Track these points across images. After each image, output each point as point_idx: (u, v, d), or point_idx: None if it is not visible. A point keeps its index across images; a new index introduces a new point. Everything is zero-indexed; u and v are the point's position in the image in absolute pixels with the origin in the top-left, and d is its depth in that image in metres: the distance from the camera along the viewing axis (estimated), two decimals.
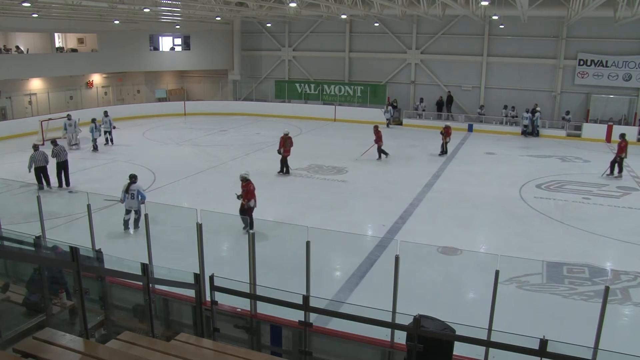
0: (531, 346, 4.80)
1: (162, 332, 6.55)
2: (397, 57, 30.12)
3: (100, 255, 6.51)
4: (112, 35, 29.47)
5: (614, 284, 9.83)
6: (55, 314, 5.93)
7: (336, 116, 29.90)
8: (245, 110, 31.54)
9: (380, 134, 19.76)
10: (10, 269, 7.23)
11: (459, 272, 10.69)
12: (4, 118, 24.86)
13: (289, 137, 17.41)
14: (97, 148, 21.07)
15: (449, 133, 21.31)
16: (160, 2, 21.77)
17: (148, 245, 7.67)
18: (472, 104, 28.78)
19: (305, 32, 32.24)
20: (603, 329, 5.42)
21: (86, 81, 30.31)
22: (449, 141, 21.33)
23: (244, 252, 6.77)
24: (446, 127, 21.49)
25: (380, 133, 19.77)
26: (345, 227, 12.03)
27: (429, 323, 5.23)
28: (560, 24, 25.72)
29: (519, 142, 24.51)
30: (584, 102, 26.45)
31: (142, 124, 27.74)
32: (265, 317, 6.57)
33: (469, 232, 12.69)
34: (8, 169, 17.75)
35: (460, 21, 27.55)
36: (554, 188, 16.49)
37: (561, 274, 10.37)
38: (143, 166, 18.22)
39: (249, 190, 11.93)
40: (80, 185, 15.76)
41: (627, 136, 18.22)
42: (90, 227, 8.53)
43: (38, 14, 23.07)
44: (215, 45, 33.22)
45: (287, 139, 17.32)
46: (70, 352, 4.56)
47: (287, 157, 17.36)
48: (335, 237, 10.53)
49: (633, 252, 11.54)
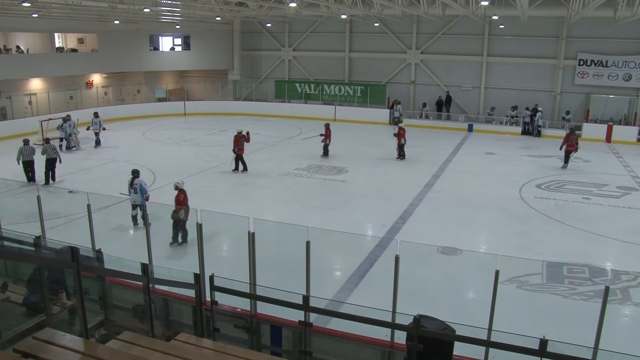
0: (531, 346, 4.80)
1: (162, 332, 6.54)
2: (397, 57, 30.12)
3: (100, 255, 6.51)
4: (112, 35, 29.47)
5: (614, 284, 9.83)
6: (55, 314, 5.93)
7: (336, 116, 29.89)
8: (245, 110, 31.53)
9: (330, 132, 19.85)
10: (10, 269, 7.22)
11: (459, 272, 10.69)
12: (4, 118, 24.85)
13: (242, 135, 17.65)
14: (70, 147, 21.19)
15: (401, 135, 19.99)
16: (160, 2, 21.76)
17: (148, 245, 7.67)
18: (472, 104, 28.79)
19: (305, 32, 32.25)
20: (603, 329, 5.42)
21: (86, 81, 30.30)
22: (404, 143, 20.06)
23: (244, 252, 6.77)
24: (400, 128, 20.18)
25: (330, 131, 19.84)
26: (345, 227, 12.02)
27: (429, 323, 5.23)
28: (560, 24, 25.73)
29: (519, 142, 24.52)
30: (584, 102, 26.46)
31: (142, 124, 27.73)
32: (265, 317, 6.57)
33: (469, 232, 12.69)
34: (8, 169, 17.73)
35: (460, 21, 27.56)
36: (554, 188, 16.49)
37: (561, 274, 10.37)
38: (143, 166, 18.18)
39: (178, 201, 11.33)
40: (80, 185, 15.75)
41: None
42: (90, 227, 8.54)
43: (38, 14, 23.07)
44: (215, 45, 33.22)
45: (240, 137, 17.60)
46: (70, 352, 4.56)
47: (242, 155, 17.72)
48: (335, 237, 10.53)
49: (633, 252, 11.54)
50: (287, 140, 24.05)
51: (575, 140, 19.20)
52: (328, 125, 20.20)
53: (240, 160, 17.77)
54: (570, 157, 19.30)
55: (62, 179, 16.72)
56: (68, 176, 17.10)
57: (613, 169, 19.19)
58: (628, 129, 24.73)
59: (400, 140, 19.95)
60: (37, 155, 16.39)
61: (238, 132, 17.74)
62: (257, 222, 6.93)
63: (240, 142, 17.62)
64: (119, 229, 12.37)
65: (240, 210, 11.96)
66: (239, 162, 17.76)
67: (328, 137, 19.90)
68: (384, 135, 25.97)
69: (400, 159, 20.05)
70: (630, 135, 24.41)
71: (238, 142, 17.60)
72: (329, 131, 19.94)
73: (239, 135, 17.65)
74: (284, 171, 17.94)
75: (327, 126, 20.10)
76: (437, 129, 27.59)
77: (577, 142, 19.19)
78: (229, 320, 6.63)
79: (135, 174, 12.18)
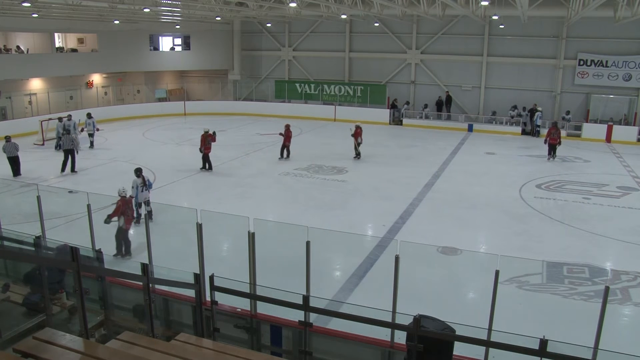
0: (531, 346, 4.79)
1: (162, 332, 6.54)
2: (397, 57, 30.12)
3: (100, 255, 6.51)
4: (112, 35, 29.48)
5: (614, 284, 9.83)
6: (55, 314, 5.93)
7: (336, 116, 29.90)
8: (245, 110, 31.55)
9: (291, 134, 19.56)
10: (10, 269, 7.23)
11: (459, 272, 10.69)
12: (4, 118, 24.85)
13: (209, 134, 17.72)
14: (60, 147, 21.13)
15: (358, 134, 19.84)
16: (160, 2, 21.76)
17: (148, 245, 7.68)
18: (472, 104, 28.79)
19: (305, 32, 32.25)
20: (603, 329, 5.42)
21: (86, 81, 30.29)
22: (360, 142, 19.90)
23: (244, 252, 6.77)
24: (357, 127, 20.02)
25: (290, 132, 19.57)
26: (345, 227, 12.03)
27: (429, 323, 5.23)
28: (560, 24, 25.73)
29: (519, 142, 24.52)
30: (584, 102, 26.46)
31: (142, 124, 27.73)
32: (265, 317, 6.57)
33: (469, 232, 12.69)
34: (8, 169, 17.76)
35: (460, 21, 27.56)
36: (554, 188, 16.49)
37: (561, 274, 10.37)
38: (143, 166, 18.14)
39: (116, 207, 10.67)
40: (80, 185, 15.76)
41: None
42: (90, 227, 8.54)
43: (38, 14, 23.07)
44: (215, 45, 33.22)
45: (207, 137, 17.67)
46: (70, 352, 4.55)
47: (209, 154, 17.84)
48: (335, 237, 10.52)
49: (633, 252, 11.54)
50: None
51: (558, 134, 20.26)
52: (288, 126, 19.73)
53: (206, 160, 17.88)
54: (555, 150, 20.35)
55: (64, 178, 16.75)
56: (68, 176, 17.12)
57: (613, 169, 19.19)
58: (628, 129, 24.73)
59: (357, 139, 19.85)
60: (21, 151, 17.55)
61: (205, 132, 17.80)
62: (257, 222, 6.93)
63: (207, 141, 17.69)
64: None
65: (240, 210, 11.99)
66: (205, 162, 17.88)
67: (288, 139, 19.44)
68: (384, 135, 26.00)
69: (356, 158, 19.88)
70: (630, 135, 24.41)
71: (205, 142, 17.68)
72: (290, 132, 19.53)
73: (206, 134, 17.71)
74: (284, 171, 17.94)
75: (288, 127, 19.64)
76: (437, 129, 27.59)
77: (560, 136, 20.32)
78: (229, 320, 6.63)
79: (139, 172, 12.36)
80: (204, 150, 17.76)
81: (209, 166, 17.95)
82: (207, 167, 17.94)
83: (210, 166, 17.96)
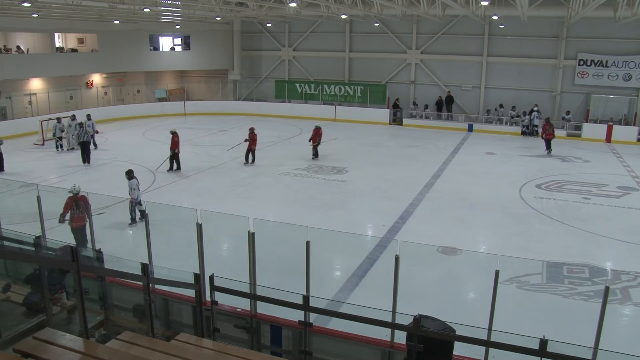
0: (531, 346, 4.80)
1: (162, 332, 6.54)
2: (397, 57, 30.11)
3: (100, 255, 6.51)
4: (112, 35, 29.47)
5: (614, 284, 9.83)
6: (55, 314, 5.92)
7: (336, 116, 29.90)
8: (245, 110, 31.54)
9: (256, 137, 19.24)
10: (10, 269, 7.22)
11: (459, 272, 10.69)
12: (4, 118, 24.85)
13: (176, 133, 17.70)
14: (62, 147, 21.25)
15: (317, 135, 19.74)
16: (160, 2, 21.76)
17: (148, 245, 7.67)
18: (472, 104, 28.79)
19: (305, 32, 32.24)
20: (603, 329, 5.42)
21: (86, 81, 30.29)
22: (318, 143, 19.86)
23: (244, 252, 6.77)
24: (316, 127, 19.97)
25: (255, 135, 19.25)
26: (345, 227, 12.02)
27: (429, 323, 5.23)
28: (560, 24, 25.72)
29: (519, 142, 24.52)
30: (584, 102, 26.45)
31: (142, 124, 27.73)
32: (265, 317, 6.57)
33: (469, 232, 12.69)
34: (8, 169, 17.77)
35: (460, 21, 27.55)
36: (554, 188, 16.49)
37: (561, 274, 10.37)
38: (143, 166, 18.21)
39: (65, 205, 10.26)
40: (80, 185, 15.71)
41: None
42: (90, 227, 8.54)
43: (38, 14, 23.07)
44: (215, 45, 33.21)
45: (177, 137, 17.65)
46: (70, 352, 4.55)
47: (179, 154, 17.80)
48: (335, 237, 10.52)
49: (633, 252, 11.54)
50: (287, 140, 24.07)
51: (552, 129, 21.54)
52: (253, 129, 19.43)
53: (176, 160, 17.75)
54: (551, 144, 21.52)
55: (62, 179, 16.74)
56: (68, 176, 17.11)
57: (613, 169, 19.19)
58: (628, 129, 24.73)
59: (315, 139, 19.79)
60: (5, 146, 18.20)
61: (173, 132, 17.64)
62: (257, 222, 6.93)
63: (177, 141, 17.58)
64: (119, 229, 12.37)
65: (240, 210, 12.00)
66: (173, 162, 17.73)
67: (254, 143, 19.16)
68: (384, 135, 26.01)
69: (314, 158, 19.77)
70: (630, 135, 24.41)
71: (177, 142, 17.56)
72: (255, 135, 19.17)
73: (175, 134, 17.58)
74: (284, 171, 17.94)
75: (252, 130, 19.32)
76: (437, 129, 27.59)
77: (553, 130, 21.67)
78: (229, 320, 6.63)
79: (131, 174, 12.44)
80: (176, 151, 17.55)
81: (177, 166, 17.77)
82: (174, 167, 17.74)
83: (179, 166, 17.80)
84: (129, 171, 12.59)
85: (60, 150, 21.11)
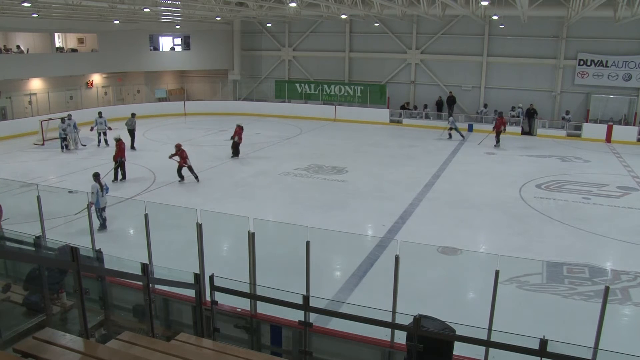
0: (531, 346, 4.79)
1: (162, 332, 6.54)
2: (397, 57, 30.10)
3: (100, 255, 6.51)
4: (112, 35, 29.46)
5: (614, 284, 9.83)
6: (55, 314, 5.93)
7: (336, 116, 29.90)
8: (245, 110, 31.52)
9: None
10: (10, 269, 7.22)
11: (459, 272, 10.69)
12: (4, 118, 24.85)
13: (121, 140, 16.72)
14: (67, 147, 21.14)
15: (237, 133, 19.82)
16: (160, 2, 21.76)
17: (148, 245, 7.67)
18: (472, 104, 28.79)
19: (305, 32, 32.24)
20: (603, 329, 5.42)
21: (86, 81, 30.29)
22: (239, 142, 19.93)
23: (244, 252, 6.77)
24: (237, 127, 20.00)
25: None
26: (345, 227, 12.02)
27: (429, 323, 5.23)
28: (560, 24, 25.72)
29: (519, 142, 24.51)
30: (584, 102, 26.45)
31: (142, 124, 27.60)
32: (265, 317, 6.57)
33: (469, 232, 12.69)
34: (8, 169, 17.76)
35: (460, 21, 27.55)
36: (554, 188, 16.49)
37: (561, 274, 10.37)
38: (143, 166, 18.22)
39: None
40: (81, 185, 15.75)
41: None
42: (90, 227, 8.54)
43: (38, 14, 23.06)
44: (215, 45, 33.21)
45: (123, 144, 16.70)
46: (70, 352, 4.55)
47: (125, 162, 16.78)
48: (335, 237, 10.52)
49: (633, 252, 11.55)
50: (287, 140, 24.06)
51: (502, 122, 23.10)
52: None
53: (122, 169, 16.58)
54: (499, 137, 22.88)
55: (62, 179, 16.74)
56: (68, 176, 17.11)
57: (613, 169, 19.19)
58: (628, 129, 24.73)
59: (235, 137, 19.84)
60: None
61: (117, 139, 16.61)
62: (257, 222, 6.93)
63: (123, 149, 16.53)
64: (119, 229, 12.37)
65: (240, 210, 12.02)
66: (118, 171, 16.46)
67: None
68: (384, 135, 26.00)
69: (234, 157, 19.84)
70: (630, 135, 24.41)
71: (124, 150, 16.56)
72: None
73: (121, 142, 16.57)
74: (284, 171, 17.94)
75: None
76: (437, 129, 27.56)
77: (505, 124, 23.34)
78: (229, 320, 6.63)
79: (98, 177, 12.17)
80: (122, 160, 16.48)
81: (122, 176, 16.60)
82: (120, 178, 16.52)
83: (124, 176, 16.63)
84: (95, 174, 12.21)
85: (65, 150, 21.10)
